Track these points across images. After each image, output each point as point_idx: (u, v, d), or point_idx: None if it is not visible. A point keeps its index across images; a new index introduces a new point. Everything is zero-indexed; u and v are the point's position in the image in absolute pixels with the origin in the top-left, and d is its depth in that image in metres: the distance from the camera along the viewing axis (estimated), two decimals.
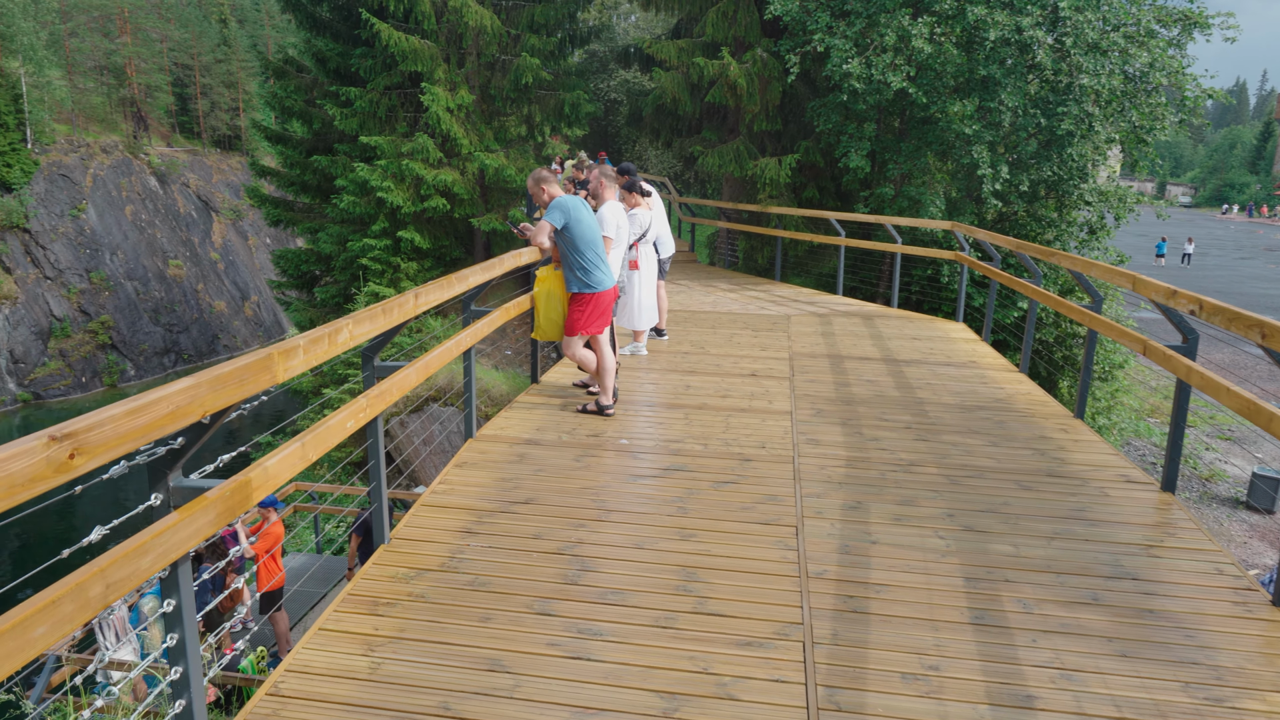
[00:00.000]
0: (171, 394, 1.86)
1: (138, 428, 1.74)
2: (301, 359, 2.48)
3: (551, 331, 6.27)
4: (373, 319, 3.11)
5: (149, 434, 1.79)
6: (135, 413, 1.74)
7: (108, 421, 1.66)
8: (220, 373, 2.06)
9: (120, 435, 1.68)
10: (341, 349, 2.79)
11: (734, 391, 7.28)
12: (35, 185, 39.64)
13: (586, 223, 5.95)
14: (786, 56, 13.29)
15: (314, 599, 11.42)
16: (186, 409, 1.91)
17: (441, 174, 15.82)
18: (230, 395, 2.10)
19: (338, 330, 2.75)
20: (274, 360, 2.29)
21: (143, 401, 1.78)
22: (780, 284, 14.55)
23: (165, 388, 1.89)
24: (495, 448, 5.61)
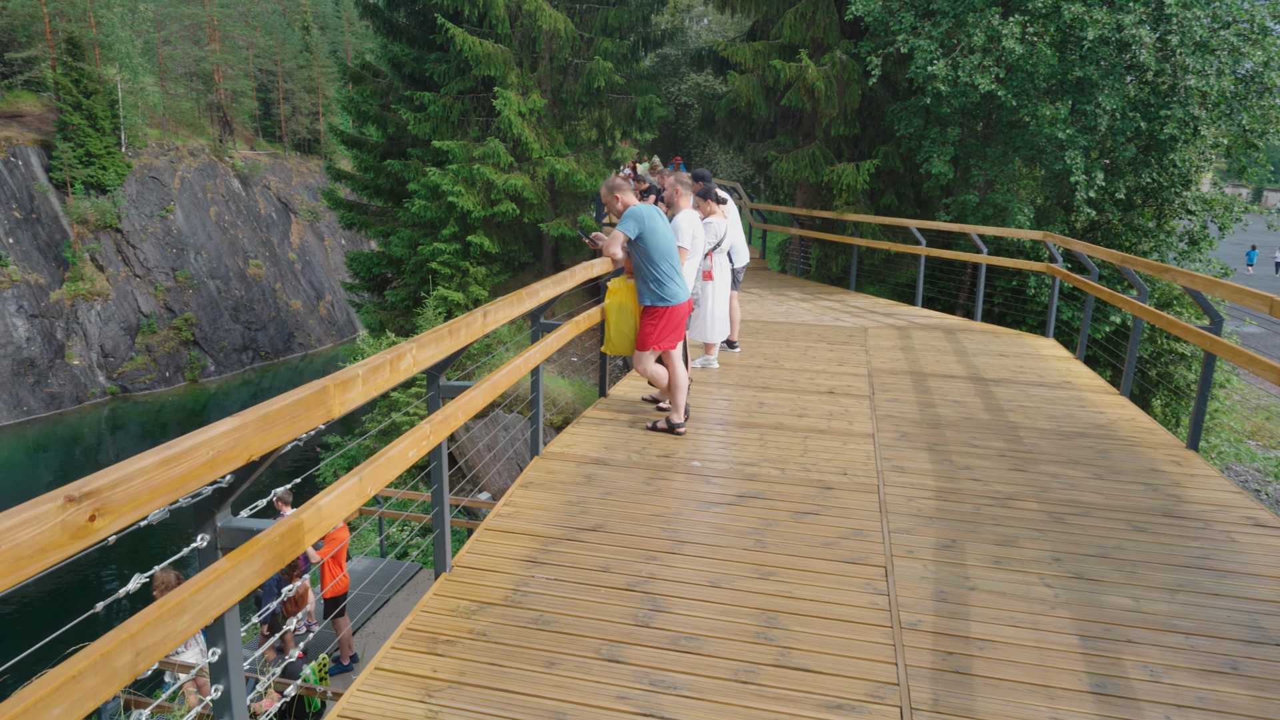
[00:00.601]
0: (212, 438, 1.66)
1: (172, 479, 1.54)
2: (360, 390, 2.28)
3: (622, 346, 6.01)
4: (438, 341, 2.90)
5: (185, 485, 1.59)
6: (169, 463, 1.53)
7: (136, 475, 1.45)
8: (268, 410, 1.86)
9: (152, 489, 1.48)
10: (404, 375, 2.58)
11: (811, 410, 6.91)
12: (128, 187, 41.43)
13: (661, 233, 5.68)
14: (867, 58, 12.81)
15: (379, 603, 11.43)
16: (229, 454, 1.71)
17: (512, 178, 15.79)
18: (280, 435, 1.90)
19: (400, 356, 2.54)
20: (329, 394, 2.09)
21: (178, 449, 1.57)
22: (855, 294, 14.05)
23: (206, 430, 1.69)
24: (562, 467, 5.39)
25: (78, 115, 38.76)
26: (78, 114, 38.77)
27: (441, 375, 3.70)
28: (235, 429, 1.73)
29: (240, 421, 1.76)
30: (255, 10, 57.62)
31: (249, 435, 1.77)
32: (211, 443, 1.65)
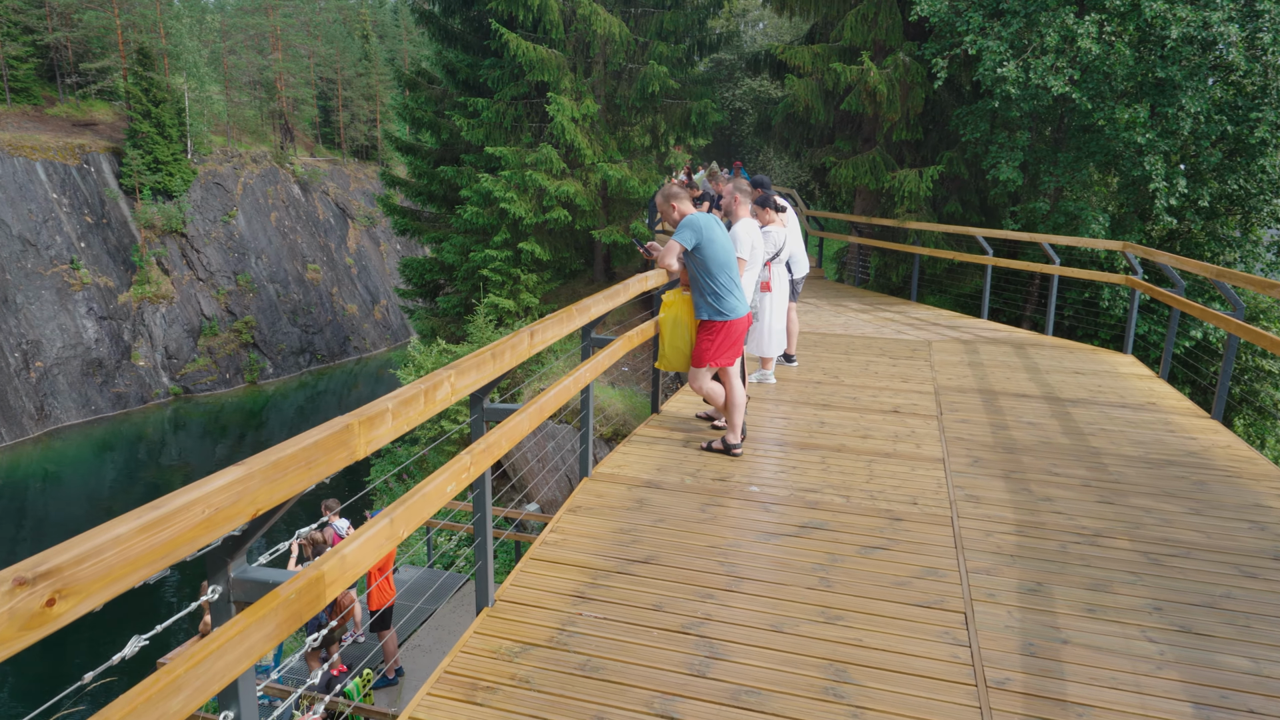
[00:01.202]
0: (209, 493, 1.42)
1: (156, 547, 1.30)
2: (389, 426, 2.04)
3: (677, 362, 5.72)
4: (479, 367, 2.65)
5: (174, 552, 1.35)
6: (152, 527, 1.29)
7: (108, 547, 1.21)
8: (279, 456, 1.62)
9: (129, 560, 1.24)
10: (441, 406, 2.34)
11: (875, 431, 6.52)
12: (193, 193, 42.60)
13: (720, 243, 5.38)
14: (932, 60, 12.32)
15: (424, 614, 11.31)
16: (230, 510, 1.47)
17: (564, 185, 15.63)
18: (293, 483, 1.66)
19: (436, 385, 2.30)
20: (352, 433, 1.85)
21: (165, 509, 1.33)
22: (917, 305, 13.53)
23: (203, 484, 1.45)
24: (612, 490, 5.11)
25: (147, 123, 40.00)
26: (147, 122, 40.01)
27: (486, 397, 3.46)
28: (238, 481, 1.49)
29: (245, 471, 1.52)
30: (317, 20, 58.95)
31: (255, 487, 1.53)
32: (208, 499, 1.41)
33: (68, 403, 36.09)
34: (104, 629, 19.09)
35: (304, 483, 1.70)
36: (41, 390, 35.35)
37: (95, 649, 18.79)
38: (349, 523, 10.03)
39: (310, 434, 1.75)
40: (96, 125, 42.14)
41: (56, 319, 36.38)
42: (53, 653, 18.22)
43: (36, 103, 41.30)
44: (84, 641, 19.48)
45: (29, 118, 40.31)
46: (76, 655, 19.08)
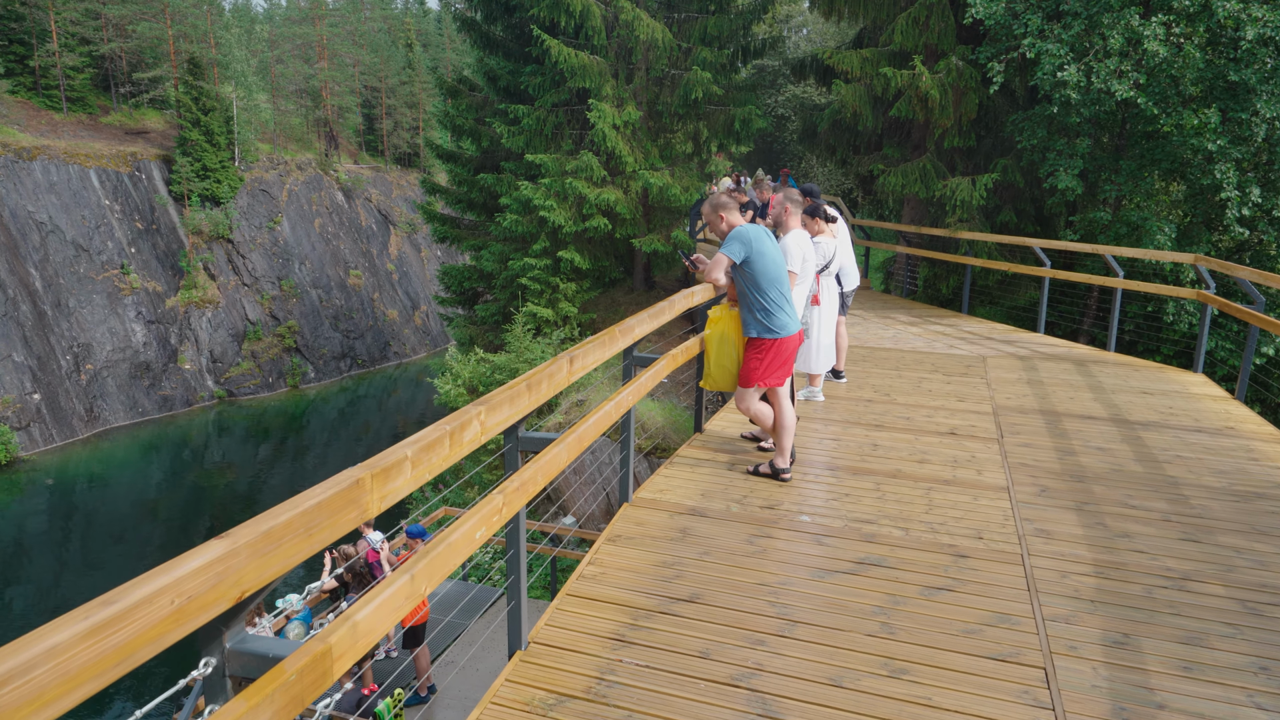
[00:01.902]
0: (180, 578, 1.16)
1: (105, 655, 1.03)
2: (408, 477, 1.78)
3: (723, 381, 5.41)
4: (513, 400, 2.39)
5: (131, 657, 1.09)
6: (101, 630, 1.02)
7: (40, 661, 0.94)
8: (271, 525, 1.36)
9: (68, 678, 0.97)
10: (469, 448, 2.08)
11: (932, 455, 6.14)
12: (239, 199, 43.34)
13: (770, 256, 5.06)
14: (988, 64, 11.87)
15: (457, 629, 11.11)
16: (208, 597, 1.21)
17: (604, 193, 15.42)
18: (289, 555, 1.40)
19: (463, 425, 2.04)
20: (364, 489, 1.59)
21: (119, 606, 1.06)
22: (968, 317, 13.04)
23: (172, 567, 1.19)
24: (654, 517, 4.82)
25: (196, 131, 40.80)
26: (196, 130, 40.81)
27: (521, 424, 3.19)
28: (218, 559, 1.22)
29: (227, 547, 1.25)
30: (362, 29, 59.81)
31: (240, 565, 1.26)
32: (179, 586, 1.15)
33: (116, 405, 36.84)
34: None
35: (303, 553, 1.44)
36: (91, 392, 36.13)
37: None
38: (383, 534, 9.87)
39: (312, 493, 1.49)
40: (148, 133, 43.11)
41: (106, 323, 37.19)
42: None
43: (92, 111, 42.40)
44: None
45: (84, 126, 41.38)
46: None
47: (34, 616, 22.03)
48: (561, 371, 2.82)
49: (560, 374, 2.80)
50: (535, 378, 2.59)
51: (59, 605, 22.45)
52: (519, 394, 2.43)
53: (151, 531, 28.57)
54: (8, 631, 21.10)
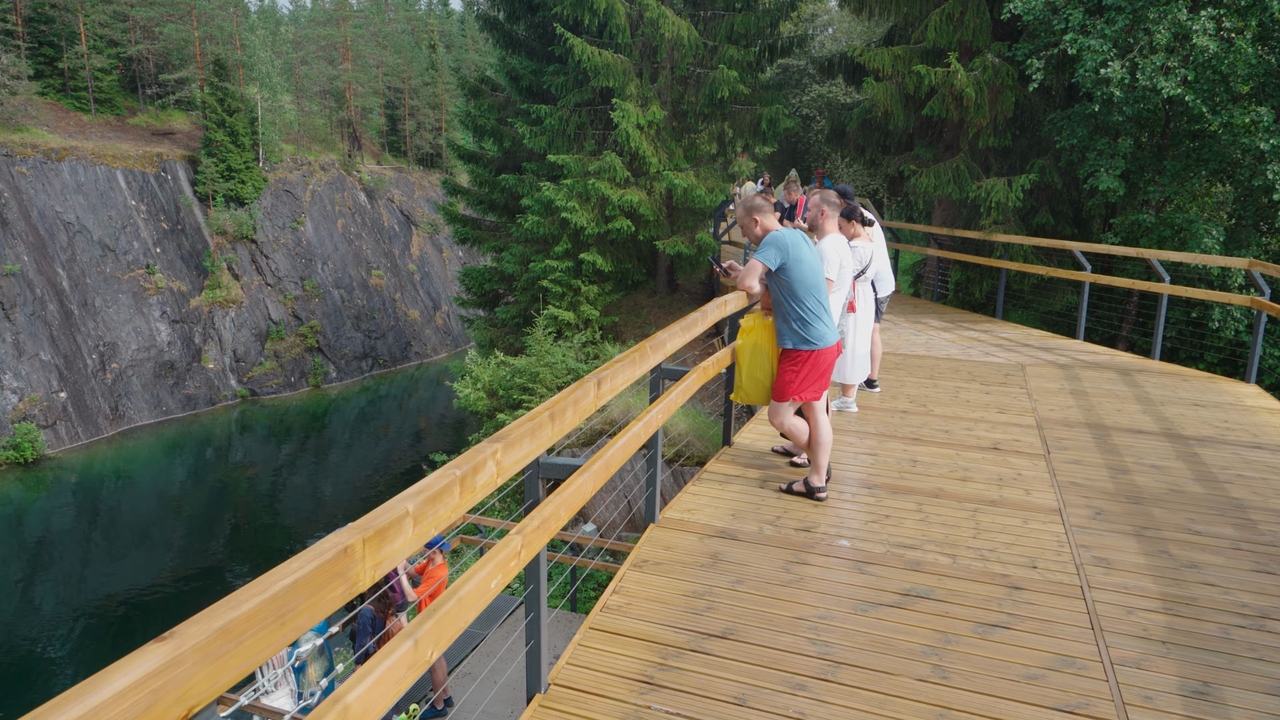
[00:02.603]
0: (100, 705, 0.87)
1: None
2: (409, 535, 1.50)
3: (756, 394, 5.10)
4: (534, 433, 2.11)
5: None
6: None
7: None
8: (229, 620, 1.06)
9: None
10: (482, 493, 1.81)
11: (975, 472, 5.80)
12: (263, 200, 43.53)
13: (808, 263, 4.75)
14: (1026, 61, 11.45)
15: (474, 639, 10.87)
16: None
17: (628, 194, 15.13)
18: (253, 653, 1.12)
19: (476, 468, 1.76)
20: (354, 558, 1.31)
21: None
22: (1002, 323, 12.61)
23: (94, 685, 0.90)
24: (682, 540, 4.52)
25: (221, 132, 41.01)
26: (221, 131, 41.02)
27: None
28: (154, 673, 0.93)
29: (170, 654, 0.95)
30: (386, 30, 60.01)
31: (186, 675, 0.97)
32: (98, 715, 0.86)
33: (140, 403, 37.09)
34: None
35: (273, 645, 1.16)
36: (116, 391, 36.39)
37: None
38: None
39: (287, 570, 1.21)
40: (174, 134, 43.42)
41: (132, 322, 37.45)
42: None
43: (119, 113, 42.74)
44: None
45: (111, 127, 41.72)
46: None
47: (61, 613, 22.14)
48: (588, 396, 2.54)
49: (587, 399, 2.52)
50: (559, 405, 2.31)
51: (85, 603, 22.56)
52: (540, 425, 2.15)
53: (175, 529, 28.66)
54: (36, 629, 21.21)
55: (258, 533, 28.76)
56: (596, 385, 2.64)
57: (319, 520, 29.60)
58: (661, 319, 16.57)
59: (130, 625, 21.54)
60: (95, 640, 20.74)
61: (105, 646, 20.37)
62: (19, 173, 35.50)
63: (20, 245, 34.27)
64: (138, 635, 20.72)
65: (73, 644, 20.61)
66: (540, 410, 2.19)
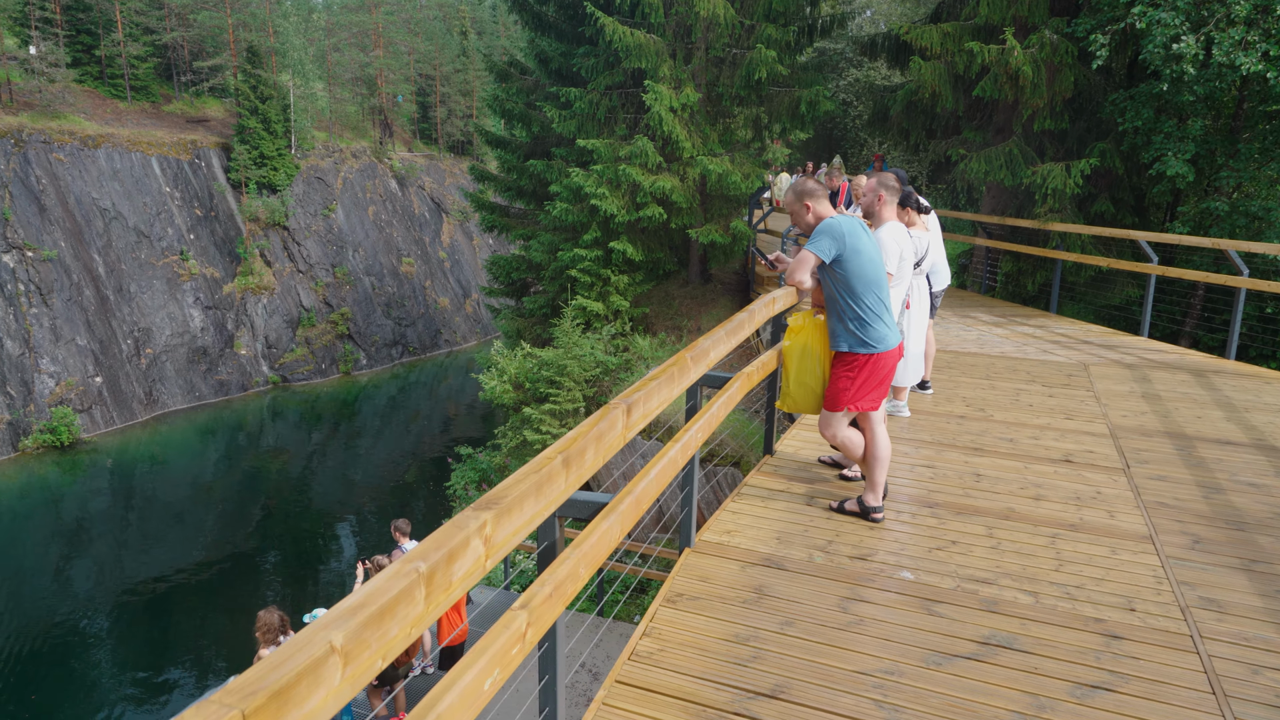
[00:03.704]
0: None
1: None
2: (337, 683, 0.99)
3: (805, 402, 4.54)
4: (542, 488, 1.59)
5: None
6: None
7: None
8: None
9: None
10: (464, 585, 1.29)
11: (1049, 489, 5.19)
12: (295, 187, 43.53)
13: (867, 255, 4.17)
14: (1089, 38, 10.67)
15: None
16: None
17: (659, 180, 14.53)
18: None
19: (454, 553, 1.23)
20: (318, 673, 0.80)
21: None
22: (1057, 317, 11.87)
23: None
24: (721, 569, 3.99)
25: (254, 119, 41.00)
26: (254, 118, 41.01)
27: None
28: None
29: None
30: (418, 17, 59.72)
31: None
32: None
33: (174, 389, 37.34)
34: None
35: None
36: (150, 376, 36.65)
37: None
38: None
39: (251, 679, 0.73)
40: (208, 121, 43.53)
41: (166, 308, 37.67)
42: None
43: (155, 100, 42.94)
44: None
45: (147, 114, 41.92)
46: None
47: (96, 594, 22.29)
48: (614, 428, 2.02)
49: (612, 432, 2.00)
50: (576, 445, 1.78)
51: (119, 584, 22.68)
52: (550, 477, 1.64)
53: (208, 513, 28.79)
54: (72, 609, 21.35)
55: (288, 518, 28.83)
56: (625, 413, 2.12)
57: (349, 506, 29.60)
58: (694, 310, 15.99)
59: (164, 606, 21.62)
60: (130, 621, 20.84)
61: (140, 627, 20.47)
62: (57, 159, 35.76)
63: (58, 231, 34.55)
64: (171, 616, 20.88)
65: (108, 624, 20.72)
66: (550, 455, 1.67)
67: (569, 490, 1.77)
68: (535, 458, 1.67)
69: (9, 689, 17.84)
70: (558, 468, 1.70)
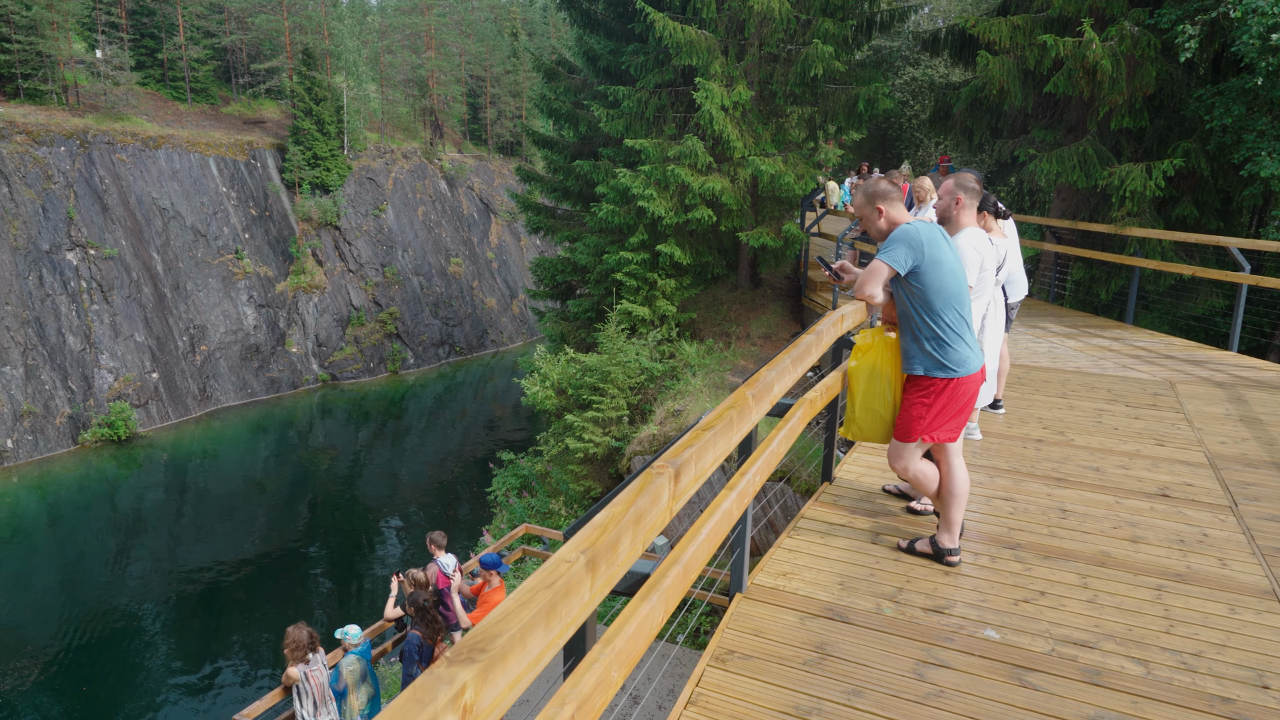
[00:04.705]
0: None
1: None
2: None
3: (873, 430, 4.05)
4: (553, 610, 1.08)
5: None
6: None
7: None
8: None
9: None
10: None
11: (1146, 529, 4.61)
12: (347, 187, 44.04)
13: (948, 266, 3.67)
14: (1175, 29, 9.91)
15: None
16: None
17: (709, 181, 14.06)
18: None
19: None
20: None
21: None
22: (1134, 329, 11.10)
23: None
24: (777, 621, 3.53)
25: (308, 120, 41.57)
26: (308, 119, 41.57)
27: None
28: None
29: None
30: (469, 18, 60.11)
31: None
32: None
33: (227, 385, 37.98)
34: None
35: None
36: (205, 373, 37.34)
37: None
38: (455, 560, 8.92)
39: None
40: (264, 123, 44.30)
41: (220, 306, 38.35)
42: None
43: (213, 102, 43.85)
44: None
45: (206, 116, 42.82)
46: None
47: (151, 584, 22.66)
48: (658, 503, 1.58)
49: (655, 509, 1.56)
50: (605, 537, 1.33)
51: (172, 575, 23.02)
52: (569, 589, 1.17)
53: (258, 508, 29.17)
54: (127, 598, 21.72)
55: (335, 513, 29.08)
56: (673, 479, 1.67)
57: (394, 504, 29.73)
58: (743, 316, 15.46)
59: (213, 598, 21.88)
60: (180, 612, 21.12)
61: (190, 619, 20.71)
62: (119, 160, 36.65)
63: (119, 230, 35.39)
64: (220, 608, 21.13)
65: (162, 614, 21.03)
66: (568, 556, 1.22)
67: (594, 601, 1.34)
68: (547, 562, 1.24)
69: (64, 678, 18.14)
70: (579, 574, 1.26)
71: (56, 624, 20.44)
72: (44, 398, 31.76)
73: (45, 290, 32.60)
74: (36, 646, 19.39)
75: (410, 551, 24.44)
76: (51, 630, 20.11)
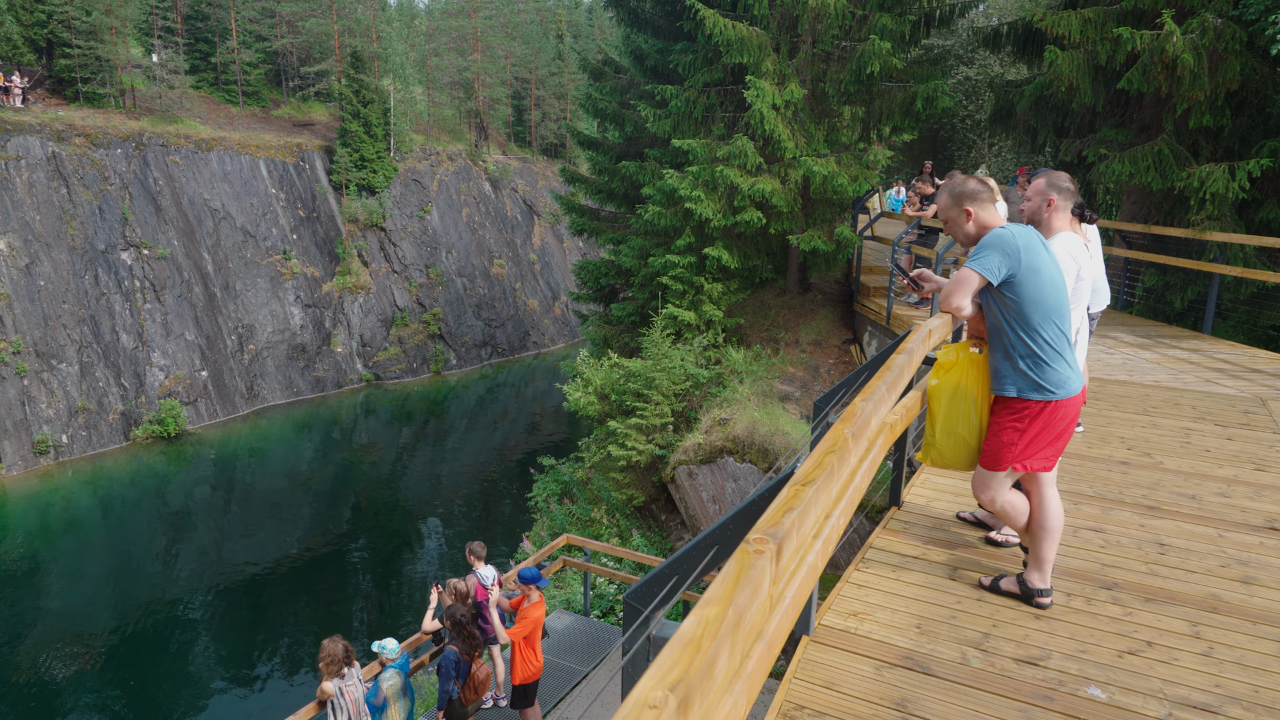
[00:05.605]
0: None
1: None
2: None
3: (955, 456, 3.65)
4: None
5: None
6: None
7: None
8: None
9: None
10: None
11: (1259, 568, 4.13)
12: (393, 189, 44.42)
13: (1048, 275, 3.27)
14: (1264, 20, 9.25)
15: (574, 675, 9.82)
16: None
17: (759, 182, 13.65)
18: None
19: None
20: None
21: None
22: (1212, 339, 10.44)
23: None
24: (850, 671, 3.15)
25: (356, 123, 42.01)
26: (356, 122, 42.02)
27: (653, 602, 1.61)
28: None
29: None
30: (515, 21, 60.37)
31: None
32: None
33: (274, 384, 38.50)
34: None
35: None
36: (252, 372, 37.90)
37: None
38: (495, 571, 8.68)
39: None
40: (313, 125, 44.90)
41: (268, 305, 38.90)
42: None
43: (264, 105, 44.58)
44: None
45: (257, 119, 43.53)
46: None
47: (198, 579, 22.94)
48: (759, 596, 1.12)
49: (755, 603, 1.08)
50: (701, 660, 0.82)
51: (219, 571, 23.28)
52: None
53: (303, 505, 29.45)
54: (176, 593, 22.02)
55: (378, 512, 29.26)
56: (774, 559, 1.29)
57: (436, 504, 29.80)
58: (792, 322, 15.01)
59: (259, 595, 22.05)
60: (227, 607, 21.32)
61: (237, 613, 20.90)
62: (173, 162, 37.38)
63: (172, 230, 36.09)
64: (266, 605, 21.30)
65: (207, 608, 21.26)
66: (653, 699, 0.88)
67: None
68: (622, 709, 0.91)
69: (113, 671, 18.38)
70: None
71: (107, 615, 20.78)
72: (98, 394, 32.48)
73: (100, 289, 33.35)
74: (88, 635, 19.72)
75: (450, 553, 24.41)
76: (102, 622, 20.45)
